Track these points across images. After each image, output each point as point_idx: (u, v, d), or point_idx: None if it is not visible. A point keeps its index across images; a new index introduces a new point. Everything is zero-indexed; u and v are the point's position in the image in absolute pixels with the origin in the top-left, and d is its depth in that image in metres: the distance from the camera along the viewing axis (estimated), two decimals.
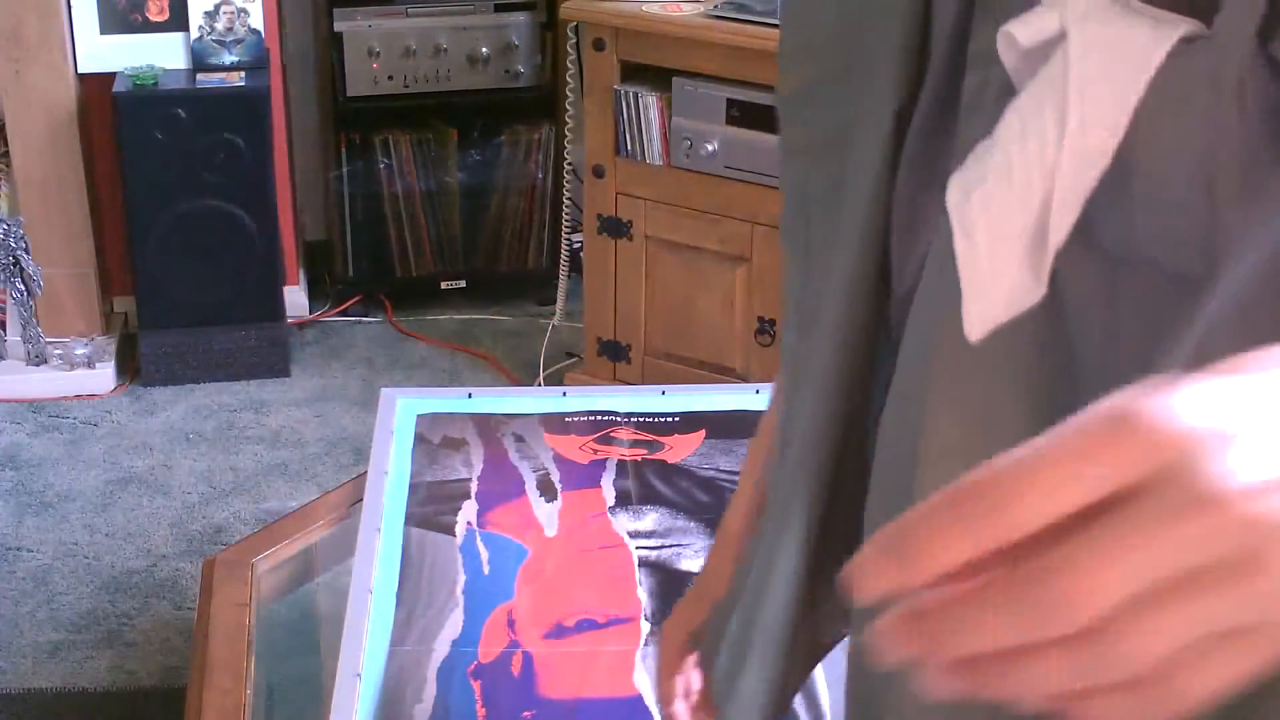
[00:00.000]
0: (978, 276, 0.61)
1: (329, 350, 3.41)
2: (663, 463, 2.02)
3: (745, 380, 2.86)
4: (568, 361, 3.27)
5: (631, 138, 2.87)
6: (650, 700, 1.58)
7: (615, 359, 3.04)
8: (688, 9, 2.79)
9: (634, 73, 2.87)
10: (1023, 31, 0.60)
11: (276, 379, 3.26)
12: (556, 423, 2.11)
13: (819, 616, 0.85)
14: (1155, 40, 0.56)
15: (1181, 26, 0.56)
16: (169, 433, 3.07)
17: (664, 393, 2.22)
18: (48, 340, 3.21)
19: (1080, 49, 0.58)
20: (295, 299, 3.46)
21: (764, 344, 2.85)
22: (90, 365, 3.19)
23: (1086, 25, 0.58)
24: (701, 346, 2.94)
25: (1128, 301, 0.62)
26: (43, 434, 3.06)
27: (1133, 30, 0.57)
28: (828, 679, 1.62)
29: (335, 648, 1.64)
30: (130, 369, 3.27)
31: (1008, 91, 0.62)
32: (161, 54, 3.16)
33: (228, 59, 3.18)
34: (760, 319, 2.84)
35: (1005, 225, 0.60)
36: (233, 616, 1.84)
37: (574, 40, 3.01)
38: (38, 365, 3.20)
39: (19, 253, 3.09)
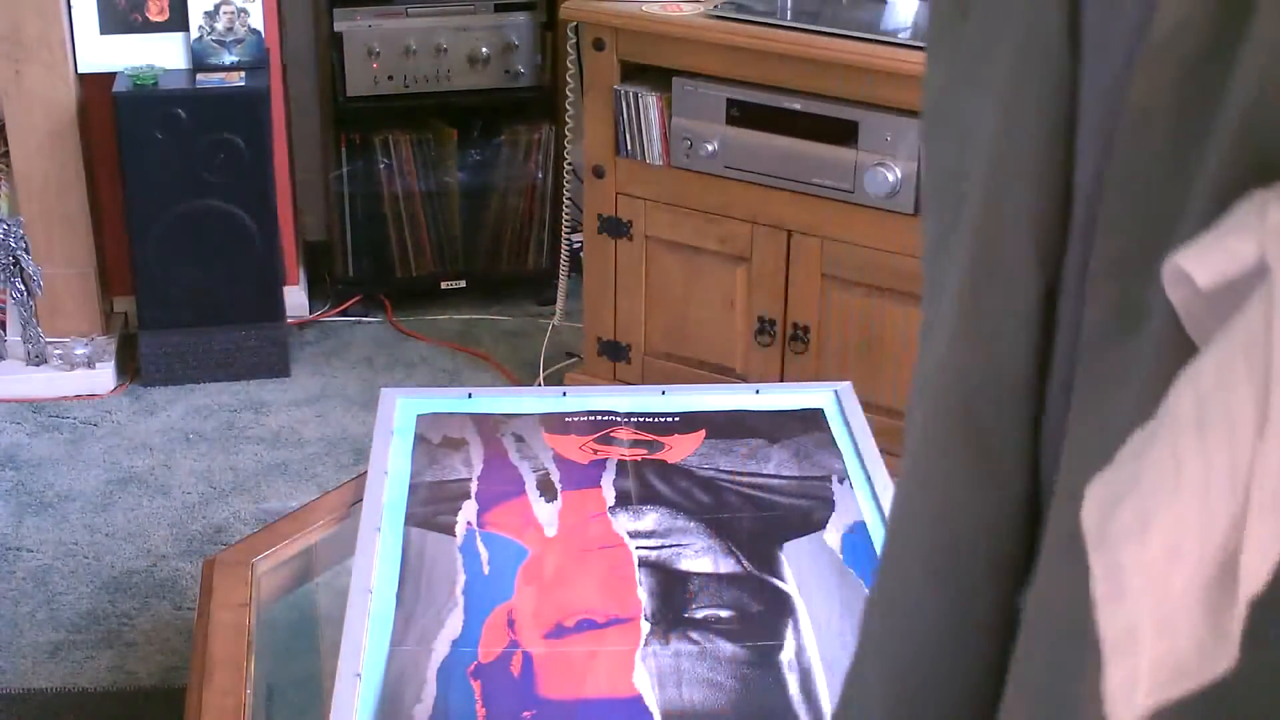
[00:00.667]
0: (1128, 638, 0.40)
1: (329, 350, 3.41)
2: (663, 463, 2.02)
3: (745, 380, 2.86)
4: (568, 361, 3.27)
5: (631, 138, 2.87)
6: (650, 700, 1.59)
7: (615, 359, 3.04)
8: (688, 9, 2.79)
9: (634, 72, 2.87)
10: (1202, 266, 0.41)
11: (276, 379, 3.26)
12: (556, 423, 2.11)
13: None
14: None
15: None
16: (169, 433, 3.07)
17: (664, 393, 2.22)
18: (48, 340, 3.21)
19: None
20: (295, 299, 3.46)
21: (764, 344, 2.85)
22: (90, 365, 3.19)
23: None
24: (701, 346, 2.94)
25: None
26: (43, 434, 3.06)
27: None
28: (829, 683, 1.62)
29: (335, 648, 1.64)
30: (130, 369, 3.27)
31: (1181, 345, 0.43)
32: (161, 54, 3.16)
33: (228, 59, 3.18)
34: (760, 319, 2.84)
35: (1171, 560, 0.40)
36: (233, 617, 1.84)
37: (574, 40, 3.01)
38: (38, 365, 3.20)
39: (19, 253, 3.09)
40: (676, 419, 2.12)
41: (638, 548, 1.84)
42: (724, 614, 1.72)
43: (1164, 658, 0.40)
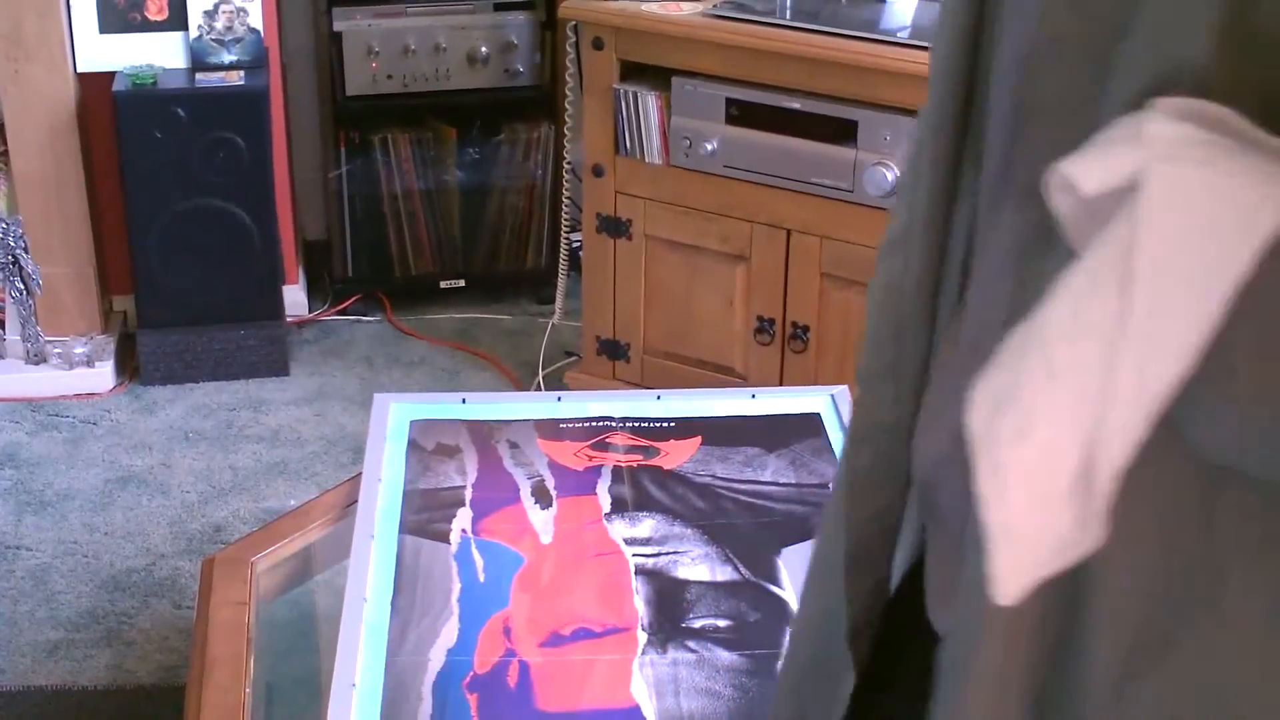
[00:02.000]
0: (1009, 529, 0.45)
1: (328, 349, 3.41)
2: (659, 469, 2.02)
3: (745, 379, 2.86)
4: (567, 360, 3.27)
5: (631, 137, 2.86)
6: (648, 710, 1.59)
7: (614, 358, 3.04)
8: (687, 8, 2.79)
9: (633, 72, 2.86)
10: (1084, 175, 0.43)
11: (276, 378, 3.26)
12: (551, 429, 2.10)
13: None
14: (1271, 191, 0.40)
15: None
16: (168, 431, 3.07)
17: (659, 397, 2.22)
18: (47, 339, 3.21)
19: (1157, 203, 0.41)
20: (294, 298, 3.46)
21: (763, 343, 2.85)
22: (89, 364, 3.20)
23: (1170, 168, 0.41)
24: (701, 346, 2.94)
25: (1231, 524, 0.45)
26: (42, 433, 3.06)
27: (1238, 176, 0.40)
28: None
29: (334, 646, 1.64)
30: (129, 368, 3.27)
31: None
32: (161, 53, 3.15)
33: (227, 58, 3.17)
34: (759, 318, 2.84)
35: (1049, 455, 0.44)
36: (232, 615, 1.84)
37: (573, 39, 3.00)
38: (37, 364, 3.20)
39: (18, 252, 3.09)
40: (672, 424, 2.12)
41: (634, 555, 1.84)
42: (721, 623, 1.72)
43: (1042, 541, 0.45)
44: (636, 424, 2.12)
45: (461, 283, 3.54)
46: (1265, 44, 0.42)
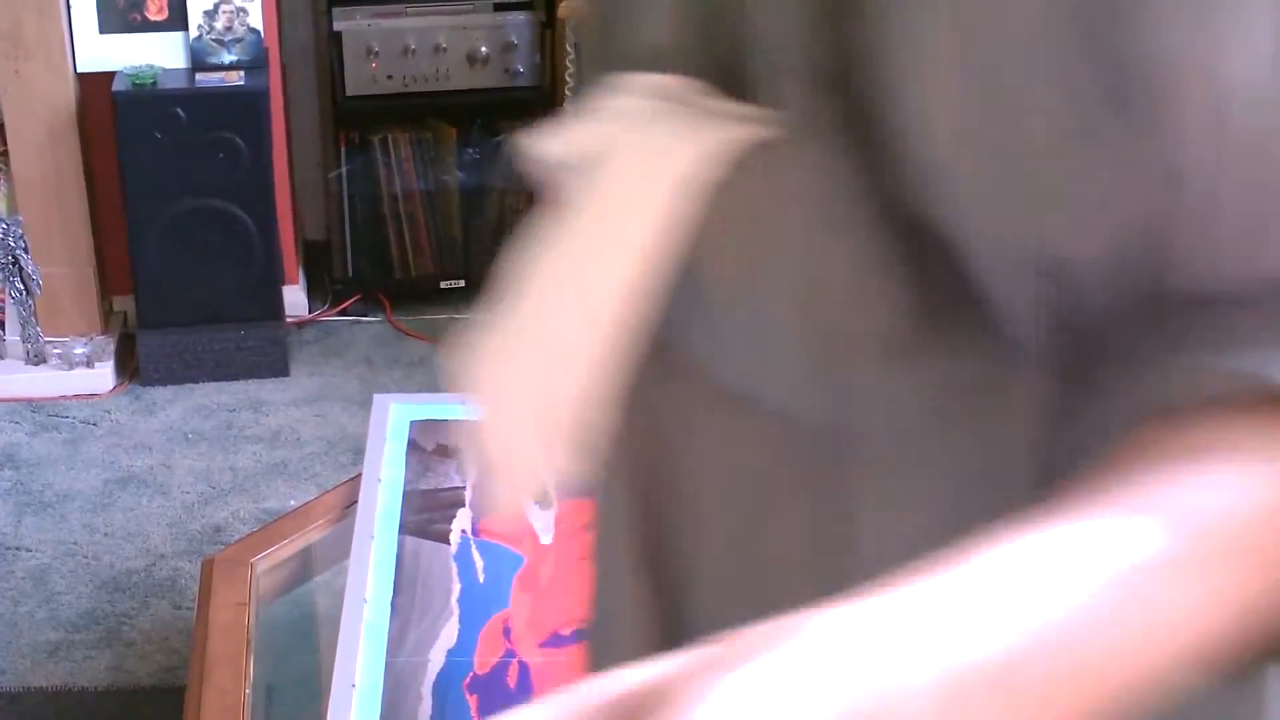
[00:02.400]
0: (495, 456, 0.51)
1: (328, 350, 3.41)
2: None
3: None
4: None
5: None
6: None
7: None
8: None
9: None
10: (551, 145, 0.50)
11: (275, 378, 3.26)
12: None
13: None
14: (712, 146, 0.46)
15: (756, 126, 0.45)
16: (168, 432, 3.07)
17: None
18: (47, 339, 3.21)
19: (618, 164, 0.47)
20: (294, 298, 3.47)
21: None
22: (89, 365, 3.20)
23: (631, 134, 0.48)
24: None
25: (722, 441, 0.50)
26: (42, 433, 3.06)
27: (672, 136, 0.46)
28: None
29: (334, 647, 1.65)
30: (129, 368, 3.27)
31: None
32: (160, 53, 3.16)
33: (227, 58, 3.18)
34: None
35: (531, 391, 0.50)
36: (232, 616, 1.85)
37: (573, 39, 3.01)
38: (37, 365, 3.20)
39: (18, 252, 3.09)
40: None
41: None
42: None
43: (524, 472, 0.51)
44: None
45: (462, 283, 3.54)
46: (719, 23, 0.48)
